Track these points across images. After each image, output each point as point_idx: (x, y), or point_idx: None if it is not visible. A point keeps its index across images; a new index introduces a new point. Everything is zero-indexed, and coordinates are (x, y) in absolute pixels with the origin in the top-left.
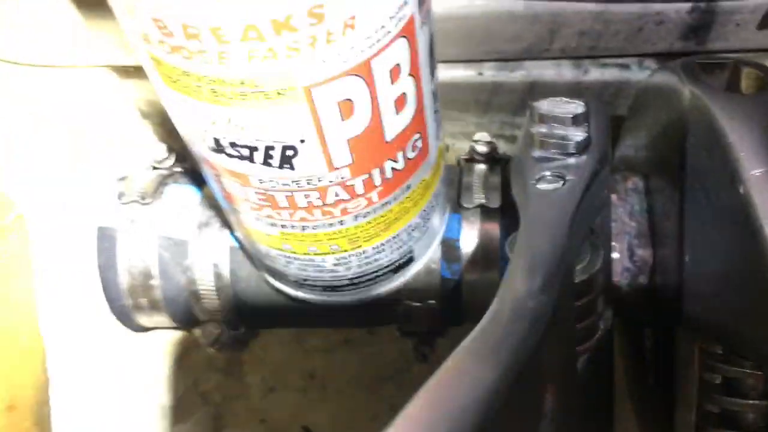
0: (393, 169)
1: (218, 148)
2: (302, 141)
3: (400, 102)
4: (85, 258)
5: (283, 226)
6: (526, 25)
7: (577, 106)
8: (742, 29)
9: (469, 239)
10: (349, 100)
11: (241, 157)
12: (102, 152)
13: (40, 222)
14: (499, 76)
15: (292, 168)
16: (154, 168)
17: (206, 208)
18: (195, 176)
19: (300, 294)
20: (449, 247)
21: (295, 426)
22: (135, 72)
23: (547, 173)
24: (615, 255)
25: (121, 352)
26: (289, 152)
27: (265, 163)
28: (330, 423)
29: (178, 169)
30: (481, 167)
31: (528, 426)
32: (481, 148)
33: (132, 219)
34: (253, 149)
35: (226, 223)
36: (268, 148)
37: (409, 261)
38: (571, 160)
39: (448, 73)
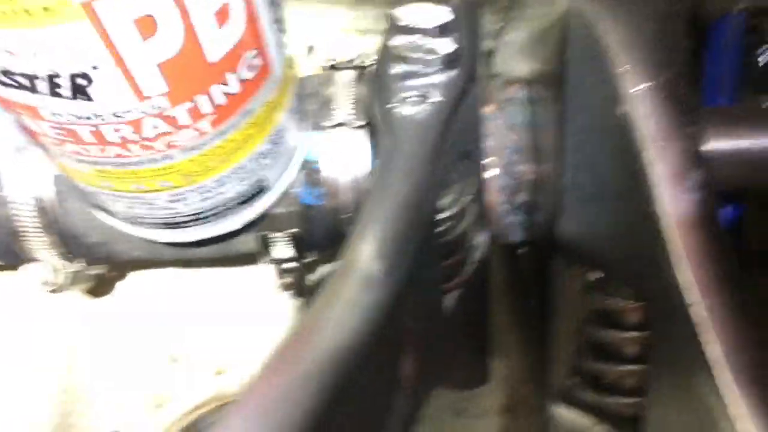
0: (225, 93)
1: None
2: (95, 68)
3: (222, 14)
4: None
5: (95, 163)
6: None
7: (443, 13)
8: None
9: (332, 161)
10: (150, 15)
11: (21, 87)
12: None
13: None
14: None
15: (88, 98)
16: None
17: None
18: None
19: (135, 231)
20: (310, 170)
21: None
22: None
23: (409, 94)
24: (492, 172)
25: None
26: (81, 81)
27: (54, 93)
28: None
29: None
30: (346, 75)
31: (382, 398)
32: (346, 53)
33: None
34: (32, 78)
35: None
36: (52, 77)
37: (261, 191)
38: (437, 77)
39: None
